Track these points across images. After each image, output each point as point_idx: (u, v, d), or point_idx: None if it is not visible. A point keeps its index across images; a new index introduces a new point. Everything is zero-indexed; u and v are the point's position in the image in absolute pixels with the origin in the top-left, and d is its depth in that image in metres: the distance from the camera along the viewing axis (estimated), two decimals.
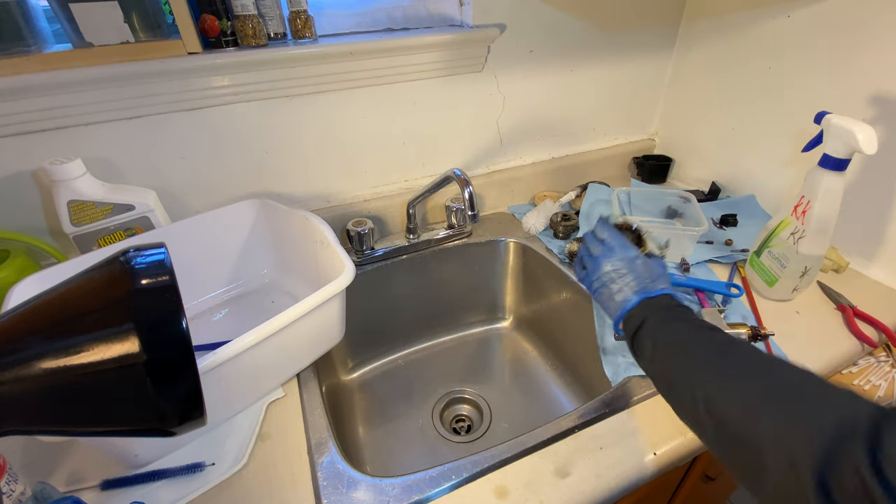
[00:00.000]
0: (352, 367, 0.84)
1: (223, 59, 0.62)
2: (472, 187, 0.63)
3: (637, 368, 0.57)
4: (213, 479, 0.46)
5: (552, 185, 0.98)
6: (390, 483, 0.46)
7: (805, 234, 0.61)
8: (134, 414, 0.26)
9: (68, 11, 0.55)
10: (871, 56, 0.67)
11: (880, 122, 0.67)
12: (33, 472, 0.47)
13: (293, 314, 0.48)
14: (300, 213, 0.65)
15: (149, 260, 0.28)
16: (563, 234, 0.84)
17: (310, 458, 0.49)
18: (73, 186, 0.57)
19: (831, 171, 0.58)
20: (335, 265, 0.57)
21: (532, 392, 0.81)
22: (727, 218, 0.85)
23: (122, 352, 0.24)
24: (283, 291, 0.72)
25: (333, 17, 0.74)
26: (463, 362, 0.88)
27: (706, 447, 0.41)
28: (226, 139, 0.69)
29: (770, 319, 0.65)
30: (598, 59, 0.90)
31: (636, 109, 1.03)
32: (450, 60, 0.76)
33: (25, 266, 0.61)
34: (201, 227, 0.66)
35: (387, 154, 0.82)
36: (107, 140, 0.63)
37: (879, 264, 0.73)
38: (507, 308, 0.94)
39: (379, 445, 0.73)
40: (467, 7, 0.75)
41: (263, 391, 0.55)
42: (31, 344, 0.24)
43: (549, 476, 0.46)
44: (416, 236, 0.82)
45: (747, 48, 0.83)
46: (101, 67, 0.57)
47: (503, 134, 0.90)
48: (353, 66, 0.70)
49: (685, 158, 1.02)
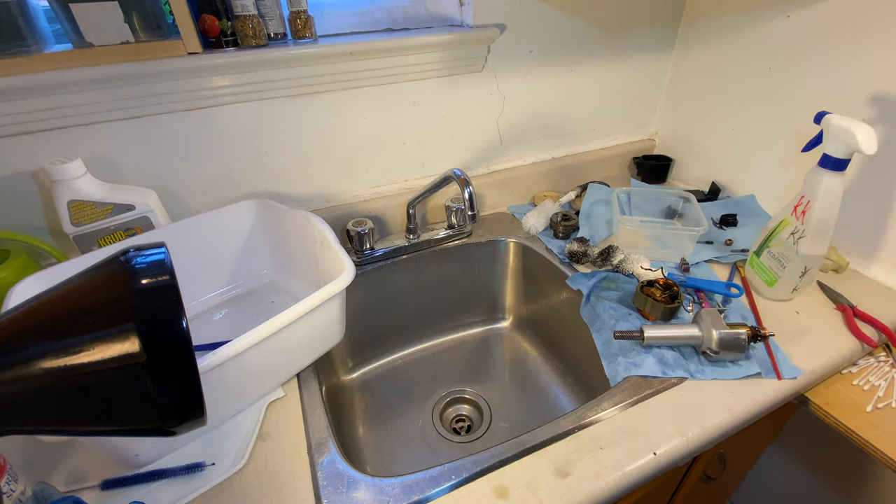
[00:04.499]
0: (352, 367, 0.84)
1: (223, 59, 0.62)
2: (472, 187, 0.63)
3: (637, 368, 0.57)
4: (213, 479, 0.46)
5: (552, 185, 0.98)
6: (390, 483, 0.46)
7: (805, 234, 0.61)
8: (134, 414, 0.26)
9: (68, 11, 0.55)
10: (871, 56, 0.67)
11: (880, 122, 0.67)
12: (33, 472, 0.47)
13: (293, 314, 0.48)
14: (300, 213, 0.65)
15: (149, 260, 0.28)
16: (563, 234, 0.84)
17: (310, 458, 0.49)
18: (73, 186, 0.57)
19: (831, 171, 0.58)
20: (335, 265, 0.57)
21: (532, 392, 0.81)
22: (727, 218, 0.85)
23: (123, 351, 0.24)
24: (283, 291, 0.72)
25: (333, 17, 0.74)
26: (463, 362, 0.87)
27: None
28: (226, 139, 0.69)
29: (770, 319, 0.65)
30: (598, 59, 0.90)
31: (636, 109, 1.03)
32: (450, 60, 0.76)
33: (25, 266, 0.61)
34: (201, 227, 0.66)
35: (387, 154, 0.82)
36: (107, 140, 0.63)
37: (879, 264, 0.73)
38: (507, 308, 0.94)
39: (379, 445, 0.73)
40: (467, 7, 0.75)
41: (263, 391, 0.55)
42: (31, 343, 0.24)
43: (549, 476, 0.46)
44: (416, 236, 0.82)
45: (747, 48, 0.83)
46: (102, 67, 0.57)
47: (503, 134, 0.90)
48: (353, 66, 0.70)
49: (685, 158, 1.02)
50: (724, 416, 0.52)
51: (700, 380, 0.56)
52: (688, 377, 0.56)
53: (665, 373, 0.56)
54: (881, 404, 0.60)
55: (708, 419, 0.52)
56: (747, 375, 0.56)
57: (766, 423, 0.66)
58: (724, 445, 0.62)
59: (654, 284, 0.65)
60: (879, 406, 0.60)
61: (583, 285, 0.71)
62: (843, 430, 0.59)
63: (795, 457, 0.95)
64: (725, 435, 0.52)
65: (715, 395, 0.54)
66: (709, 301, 0.69)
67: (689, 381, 0.56)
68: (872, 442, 0.56)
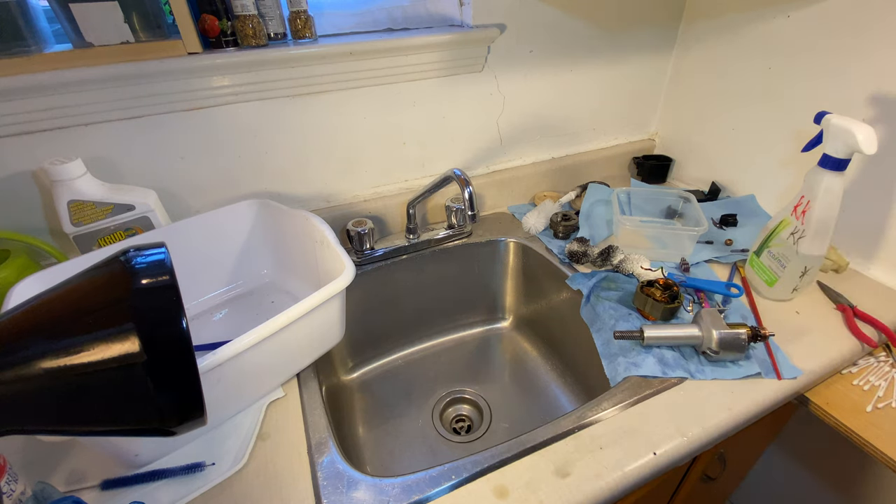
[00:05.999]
0: (352, 367, 0.84)
1: (223, 59, 0.62)
2: (472, 187, 0.63)
3: (637, 368, 0.57)
4: (213, 479, 0.46)
5: (552, 185, 0.98)
6: (390, 483, 0.46)
7: (805, 234, 0.61)
8: (134, 414, 0.26)
9: (68, 11, 0.55)
10: (871, 56, 0.67)
11: (880, 122, 0.67)
12: (33, 472, 0.47)
13: (293, 314, 0.48)
14: (300, 213, 0.65)
15: (149, 260, 0.28)
16: (563, 234, 0.84)
17: (310, 458, 0.49)
18: (73, 186, 0.57)
19: (831, 171, 0.58)
20: (335, 265, 0.57)
21: (532, 392, 0.81)
22: (727, 218, 0.85)
23: (123, 351, 0.24)
24: (283, 291, 0.72)
25: (333, 17, 0.74)
26: (463, 362, 0.87)
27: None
28: (226, 139, 0.69)
29: (770, 319, 0.65)
30: (598, 59, 0.90)
31: (636, 109, 1.03)
32: (450, 60, 0.76)
33: (25, 266, 0.61)
34: (201, 227, 0.66)
35: (387, 154, 0.82)
36: (107, 140, 0.63)
37: (879, 264, 0.73)
38: (507, 308, 0.94)
39: (379, 445, 0.73)
40: (467, 7, 0.75)
41: (263, 391, 0.55)
42: (31, 343, 0.24)
43: (549, 476, 0.46)
44: (416, 236, 0.82)
45: (747, 48, 0.83)
46: (102, 67, 0.57)
47: (503, 134, 0.90)
48: (354, 66, 0.70)
49: (685, 158, 1.02)
50: (724, 416, 0.52)
51: (700, 380, 0.56)
52: (688, 377, 0.56)
53: (665, 373, 0.56)
54: (881, 404, 0.60)
55: (708, 419, 0.52)
56: (747, 375, 0.56)
57: (766, 423, 0.66)
58: (724, 445, 0.62)
59: (654, 284, 0.65)
60: (879, 406, 0.60)
61: (583, 285, 0.71)
62: (843, 430, 0.59)
63: (795, 457, 0.95)
64: (725, 435, 0.52)
65: (715, 395, 0.54)
66: (709, 301, 0.69)
67: (689, 381, 0.56)
68: (872, 442, 0.56)
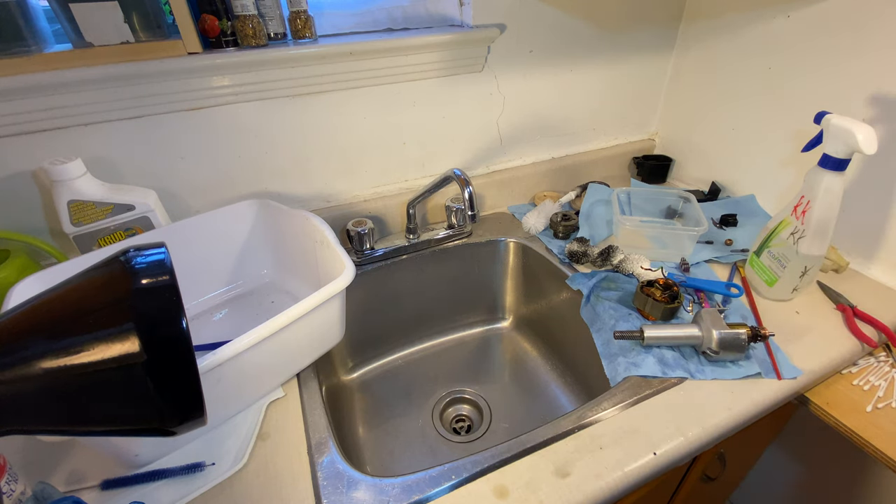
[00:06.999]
0: (352, 367, 0.84)
1: (223, 59, 0.62)
2: (472, 187, 0.63)
3: (637, 368, 0.57)
4: (213, 479, 0.46)
5: (552, 185, 0.98)
6: (390, 483, 0.46)
7: (805, 234, 0.61)
8: (134, 414, 0.26)
9: (68, 11, 0.55)
10: (871, 56, 0.67)
11: (880, 122, 0.67)
12: (33, 472, 0.47)
13: (293, 314, 0.48)
14: (300, 213, 0.65)
15: (149, 260, 0.28)
16: (563, 234, 0.84)
17: (310, 458, 0.49)
18: (73, 186, 0.57)
19: (831, 171, 0.58)
20: (335, 265, 0.57)
21: (532, 392, 0.81)
22: (727, 218, 0.85)
23: (123, 351, 0.24)
24: (283, 291, 0.72)
25: (333, 17, 0.74)
26: (463, 362, 0.87)
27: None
28: (226, 139, 0.69)
29: (770, 319, 0.65)
30: (598, 58, 0.90)
31: (636, 109, 1.03)
32: (450, 60, 0.76)
33: (25, 266, 0.61)
34: (201, 227, 0.66)
35: (387, 154, 0.82)
36: (107, 140, 0.63)
37: (879, 264, 0.73)
38: (507, 308, 0.94)
39: (379, 445, 0.73)
40: (467, 7, 0.75)
41: (263, 391, 0.55)
42: (31, 343, 0.24)
43: (549, 476, 0.46)
44: (416, 236, 0.82)
45: (747, 48, 0.83)
46: (102, 67, 0.57)
47: (503, 134, 0.90)
48: (353, 66, 0.70)
49: (685, 158, 1.02)
50: (724, 416, 0.52)
51: (700, 380, 0.56)
52: (688, 377, 0.56)
53: (665, 373, 0.56)
54: (881, 404, 0.60)
55: (708, 419, 0.52)
56: (747, 375, 0.56)
57: (766, 423, 0.66)
58: (724, 445, 0.62)
59: (654, 284, 0.65)
60: (879, 406, 0.60)
61: (583, 285, 0.71)
62: (843, 430, 0.59)
63: (795, 457, 0.95)
64: (725, 435, 0.52)
65: (715, 395, 0.54)
66: (709, 301, 0.69)
67: (689, 381, 0.56)
68: (872, 442, 0.56)
